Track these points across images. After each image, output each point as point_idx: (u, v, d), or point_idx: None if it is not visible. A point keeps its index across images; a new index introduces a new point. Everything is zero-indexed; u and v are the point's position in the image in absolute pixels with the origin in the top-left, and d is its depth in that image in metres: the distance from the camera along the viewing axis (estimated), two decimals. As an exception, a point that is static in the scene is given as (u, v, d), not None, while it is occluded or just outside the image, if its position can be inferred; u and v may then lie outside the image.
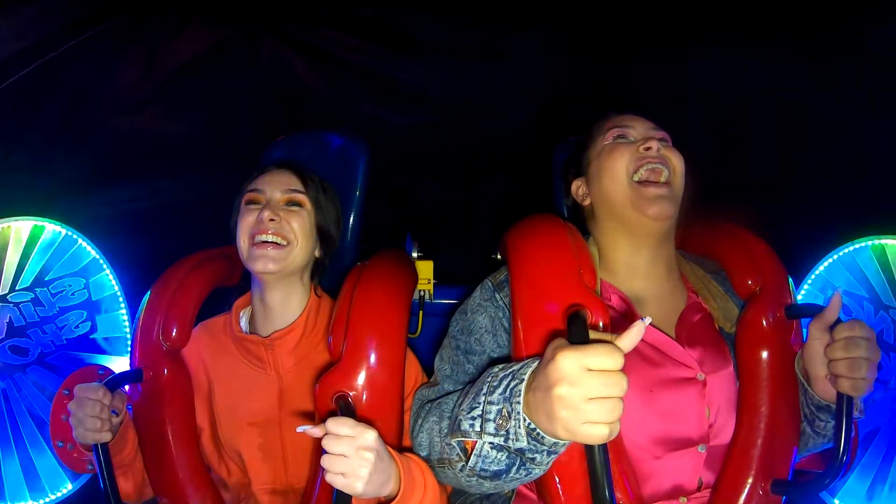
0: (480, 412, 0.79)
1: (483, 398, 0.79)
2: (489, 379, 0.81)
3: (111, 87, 1.70)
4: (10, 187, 1.64)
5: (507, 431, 0.76)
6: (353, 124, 1.54)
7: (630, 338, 0.68)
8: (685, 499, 0.97)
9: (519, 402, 0.74)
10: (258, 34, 1.77)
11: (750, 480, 0.97)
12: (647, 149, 1.03)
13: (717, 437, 1.00)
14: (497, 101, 1.85)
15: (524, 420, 0.74)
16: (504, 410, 0.76)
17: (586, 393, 0.64)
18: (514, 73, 1.82)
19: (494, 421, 0.77)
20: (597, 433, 0.64)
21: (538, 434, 0.73)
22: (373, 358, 1.01)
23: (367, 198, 1.41)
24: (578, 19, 1.76)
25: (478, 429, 0.79)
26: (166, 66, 1.72)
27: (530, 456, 0.77)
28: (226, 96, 1.80)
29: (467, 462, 0.83)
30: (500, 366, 0.82)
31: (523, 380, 0.75)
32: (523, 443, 0.75)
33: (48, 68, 1.58)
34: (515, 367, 0.78)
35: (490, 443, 0.78)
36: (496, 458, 0.79)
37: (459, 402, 0.88)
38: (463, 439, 0.83)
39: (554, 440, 0.73)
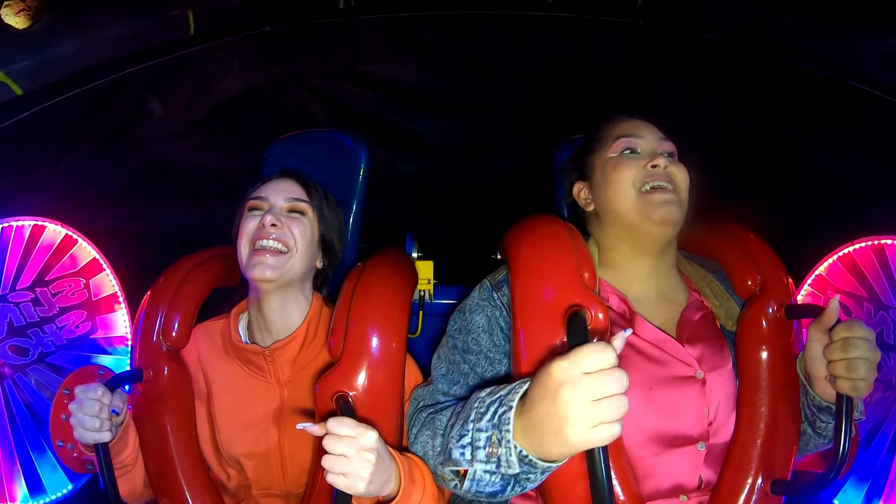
0: (470, 440, 0.79)
1: (472, 425, 0.79)
2: (476, 405, 0.81)
3: (157, 115, 1.91)
4: (51, 191, 1.76)
5: (499, 459, 0.76)
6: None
7: (614, 347, 0.69)
8: (686, 497, 0.97)
9: (509, 430, 0.74)
10: (284, 83, 2.03)
11: (750, 480, 0.97)
12: (654, 166, 1.04)
13: (717, 436, 1.00)
14: (490, 145, 2.10)
15: (515, 447, 0.74)
16: (493, 437, 0.76)
17: (590, 395, 0.64)
18: (504, 121, 2.09)
19: (485, 448, 0.77)
20: (606, 434, 0.64)
21: (531, 460, 0.73)
22: (373, 358, 1.01)
23: (367, 197, 1.41)
24: (559, 72, 2.02)
25: (468, 457, 0.79)
26: (205, 105, 1.95)
27: (524, 477, 0.77)
28: (252, 137, 1.96)
29: (462, 485, 0.83)
30: (488, 390, 0.82)
31: (511, 406, 0.75)
32: (516, 469, 0.75)
33: (106, 89, 1.78)
34: (503, 393, 0.78)
35: (483, 469, 0.79)
36: (490, 480, 0.79)
37: (451, 422, 0.88)
38: (456, 468, 0.83)
39: (547, 463, 0.74)
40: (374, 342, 1.02)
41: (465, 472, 0.81)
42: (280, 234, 1.12)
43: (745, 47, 1.78)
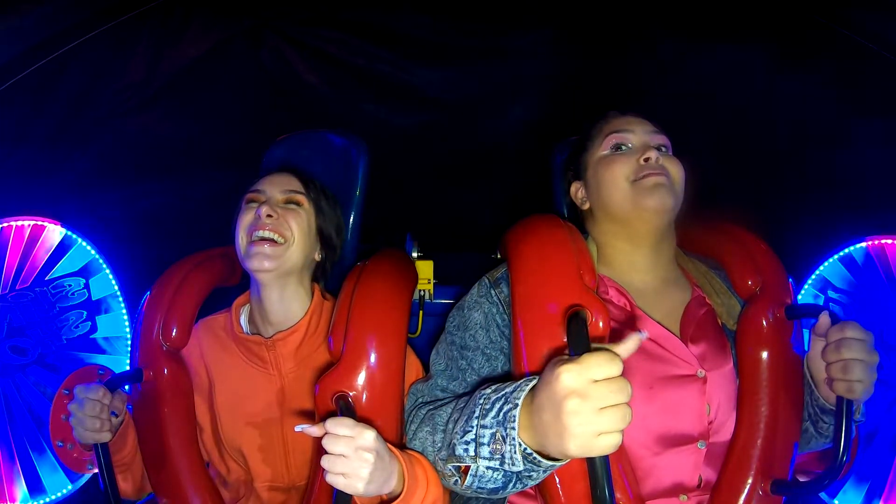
0: (474, 436, 0.79)
1: (476, 422, 0.80)
2: (481, 401, 0.81)
3: (114, 87, 1.71)
4: (11, 188, 1.65)
5: (503, 455, 0.76)
6: (354, 124, 1.56)
7: (624, 350, 0.69)
8: (685, 496, 0.97)
9: (514, 428, 0.74)
10: (260, 35, 1.79)
11: (749, 480, 0.97)
12: (647, 160, 1.04)
13: (718, 434, 1.00)
14: (496, 99, 1.87)
15: (520, 445, 0.74)
16: (498, 434, 0.76)
17: (597, 403, 0.64)
18: (513, 71, 1.84)
19: (489, 445, 0.77)
20: (609, 443, 0.65)
21: (535, 458, 0.74)
22: (373, 358, 1.01)
23: (367, 198, 1.42)
24: (577, 18, 1.77)
25: (472, 453, 0.80)
26: (169, 68, 1.73)
27: (526, 474, 0.78)
28: (228, 97, 1.81)
29: (463, 482, 0.83)
30: (493, 387, 0.82)
31: (517, 404, 0.75)
32: (519, 466, 0.75)
33: (52, 68, 1.59)
34: (508, 390, 0.78)
35: (486, 465, 0.79)
36: (492, 477, 0.80)
37: (453, 418, 0.88)
38: (459, 464, 0.83)
39: (551, 462, 0.74)
40: (374, 342, 1.02)
41: (467, 468, 0.81)
42: (276, 226, 1.12)
43: (788, 10, 1.65)
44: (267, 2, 1.77)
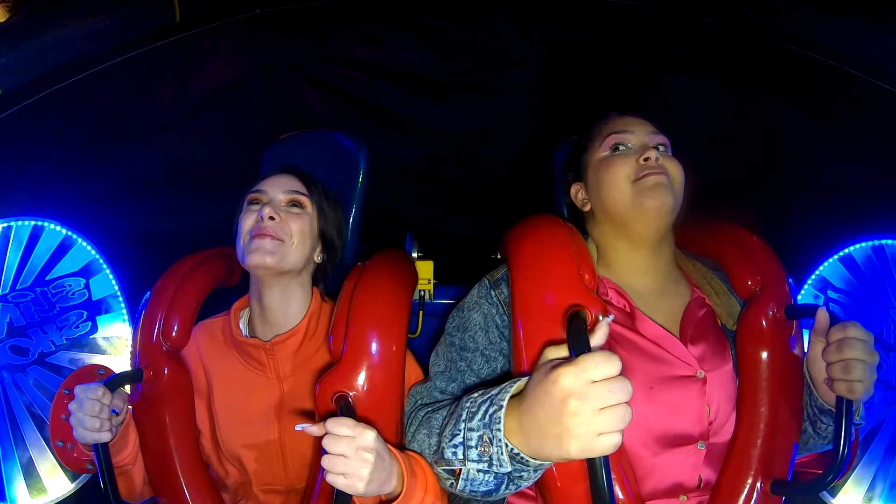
0: (462, 439, 0.80)
1: (463, 425, 0.80)
2: (468, 405, 0.81)
3: (144, 107, 1.82)
4: (40, 191, 1.69)
5: (491, 457, 0.76)
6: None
7: (598, 337, 0.72)
8: (685, 497, 0.97)
9: (500, 430, 0.74)
10: (278, 70, 1.97)
11: (749, 480, 0.97)
12: (646, 159, 1.04)
13: (718, 435, 1.00)
14: (494, 131, 2.04)
15: (506, 446, 0.74)
16: (485, 437, 0.77)
17: (596, 404, 0.64)
18: (509, 105, 2.02)
19: (476, 448, 0.78)
20: (609, 444, 0.65)
21: (522, 458, 0.74)
22: (373, 358, 1.01)
23: (367, 198, 1.42)
24: (566, 56, 1.95)
25: (461, 456, 0.80)
26: (193, 94, 1.86)
27: (517, 475, 0.78)
28: (245, 126, 1.95)
29: (457, 484, 0.84)
30: (479, 391, 0.83)
31: (502, 406, 0.75)
32: (508, 467, 0.76)
33: (91, 83, 1.69)
34: (493, 393, 0.79)
35: (476, 468, 0.79)
36: (484, 479, 0.80)
37: (445, 422, 0.88)
38: (450, 467, 0.84)
39: (539, 461, 0.74)
40: (374, 342, 1.02)
41: (460, 471, 0.81)
42: (278, 228, 1.12)
43: (758, 35, 1.70)
44: (286, 40, 1.93)
